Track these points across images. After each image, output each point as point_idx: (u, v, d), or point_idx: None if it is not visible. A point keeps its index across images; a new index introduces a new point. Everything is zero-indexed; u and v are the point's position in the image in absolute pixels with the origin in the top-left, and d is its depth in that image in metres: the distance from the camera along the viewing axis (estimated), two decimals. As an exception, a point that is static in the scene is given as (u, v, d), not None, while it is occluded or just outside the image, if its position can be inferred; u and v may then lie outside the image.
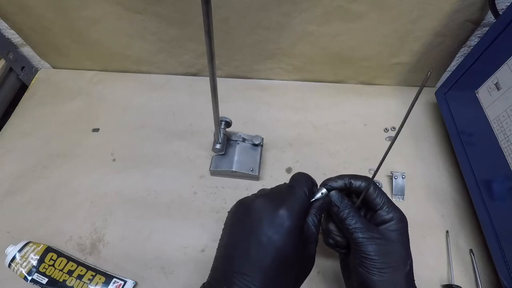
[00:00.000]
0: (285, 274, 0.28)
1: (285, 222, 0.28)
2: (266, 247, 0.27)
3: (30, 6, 0.55)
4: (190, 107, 0.63)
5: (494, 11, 0.47)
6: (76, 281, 0.43)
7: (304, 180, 0.33)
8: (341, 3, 0.50)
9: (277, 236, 0.27)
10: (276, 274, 0.27)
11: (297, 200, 0.30)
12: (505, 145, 0.41)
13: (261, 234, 0.28)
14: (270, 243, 0.27)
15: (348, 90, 0.65)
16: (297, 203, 0.30)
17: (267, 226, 0.28)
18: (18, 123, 0.62)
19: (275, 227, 0.28)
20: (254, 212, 0.29)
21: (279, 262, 0.27)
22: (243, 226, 0.29)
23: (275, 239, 0.27)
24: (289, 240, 0.28)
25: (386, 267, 0.30)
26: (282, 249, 0.27)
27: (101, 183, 0.54)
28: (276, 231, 0.28)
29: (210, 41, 0.34)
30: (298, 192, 0.31)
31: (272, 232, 0.28)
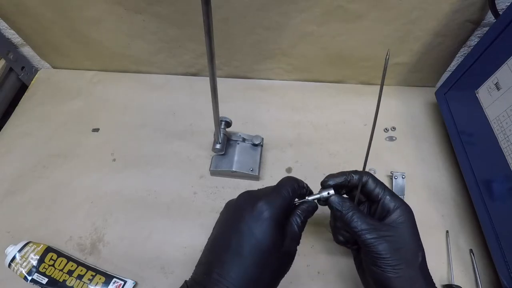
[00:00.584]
0: (262, 266, 0.28)
1: (263, 213, 0.29)
2: (245, 236, 0.28)
3: (30, 6, 0.55)
4: (190, 107, 0.63)
5: (494, 11, 0.47)
6: (76, 281, 0.43)
7: (290, 181, 0.34)
8: (341, 3, 0.50)
9: (256, 226, 0.28)
10: (253, 264, 0.28)
11: (278, 196, 0.31)
12: (505, 145, 0.41)
13: (241, 225, 0.29)
14: (249, 232, 0.28)
15: (348, 90, 0.65)
16: (278, 199, 0.31)
17: (247, 217, 0.29)
18: (18, 123, 0.62)
19: (254, 218, 0.29)
20: (237, 206, 0.31)
21: (256, 252, 0.28)
22: (227, 220, 0.31)
23: (254, 229, 0.28)
24: (268, 231, 0.28)
25: (399, 263, 0.30)
26: (260, 239, 0.28)
27: (101, 183, 0.54)
28: (255, 222, 0.29)
29: (210, 41, 0.34)
30: (282, 190, 0.32)
31: (251, 222, 0.29)
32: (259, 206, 0.29)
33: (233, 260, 0.28)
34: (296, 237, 0.32)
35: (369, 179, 0.36)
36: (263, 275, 0.28)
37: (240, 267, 0.27)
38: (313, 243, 0.48)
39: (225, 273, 0.27)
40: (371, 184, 0.35)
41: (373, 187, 0.35)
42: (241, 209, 0.30)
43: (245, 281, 0.27)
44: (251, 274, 0.27)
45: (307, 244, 0.48)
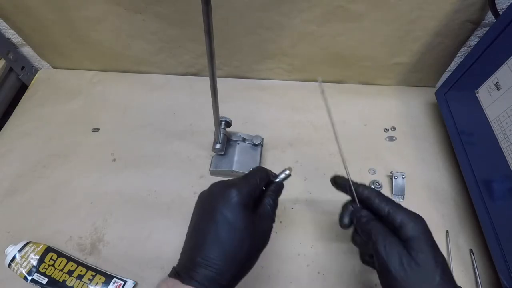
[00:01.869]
0: (238, 245, 0.31)
1: (233, 199, 0.32)
2: (219, 222, 0.31)
3: (30, 6, 0.55)
4: (190, 107, 0.63)
5: (494, 11, 0.47)
6: (76, 281, 0.43)
7: (258, 170, 0.37)
8: (341, 3, 0.50)
9: (227, 211, 0.31)
10: (230, 244, 0.30)
11: (246, 183, 0.34)
12: (505, 145, 0.41)
13: (215, 212, 0.32)
14: (222, 218, 0.31)
15: (348, 90, 0.65)
16: (246, 185, 0.33)
17: (220, 204, 0.32)
18: (18, 123, 0.62)
19: (226, 204, 0.32)
20: (210, 195, 0.34)
21: (231, 234, 0.31)
22: (203, 209, 0.34)
23: (226, 214, 0.31)
24: (239, 215, 0.31)
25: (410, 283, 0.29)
26: (233, 222, 0.31)
27: (101, 183, 0.54)
28: (226, 208, 0.31)
29: (210, 41, 0.34)
30: (249, 178, 0.35)
31: (223, 208, 0.32)
32: (229, 193, 0.32)
33: (212, 244, 0.30)
34: (269, 215, 0.35)
35: (372, 192, 0.35)
36: (240, 253, 0.31)
37: (219, 249, 0.30)
38: (313, 243, 0.48)
39: (206, 256, 0.30)
40: (374, 200, 0.35)
41: (377, 203, 0.35)
42: (214, 197, 0.33)
43: (225, 260, 0.30)
44: (229, 253, 0.30)
45: (307, 244, 0.48)
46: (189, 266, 0.30)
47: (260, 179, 0.36)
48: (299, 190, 0.52)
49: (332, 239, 0.48)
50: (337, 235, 0.48)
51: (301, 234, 0.49)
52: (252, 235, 0.32)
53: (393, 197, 0.52)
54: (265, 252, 0.47)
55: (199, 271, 0.29)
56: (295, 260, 0.47)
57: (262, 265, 0.46)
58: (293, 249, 0.47)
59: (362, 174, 0.54)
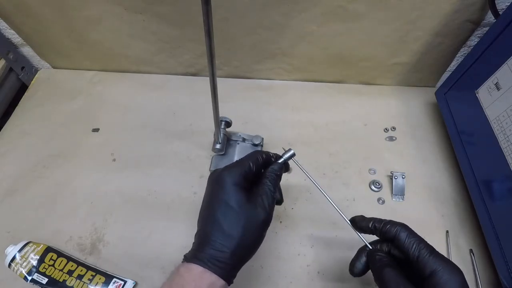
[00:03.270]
0: (236, 222, 0.32)
1: (224, 178, 0.34)
2: (214, 202, 0.34)
3: (30, 6, 0.55)
4: (190, 107, 0.63)
5: (494, 11, 0.47)
6: (76, 281, 0.43)
7: (253, 154, 0.38)
8: (341, 3, 0.50)
9: (220, 191, 0.34)
10: (228, 224, 0.32)
11: (237, 164, 0.36)
12: (505, 145, 0.41)
13: (212, 195, 0.35)
14: (215, 198, 0.34)
15: (348, 90, 0.65)
16: (236, 166, 0.36)
17: (214, 185, 0.35)
18: (18, 123, 0.62)
19: (218, 184, 0.34)
20: (209, 181, 0.37)
21: (226, 211, 0.33)
22: (205, 195, 0.36)
23: (219, 194, 0.34)
24: (230, 192, 0.33)
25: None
26: (225, 200, 0.33)
27: (101, 183, 0.54)
28: (219, 188, 0.34)
29: (210, 41, 0.34)
30: (242, 160, 0.37)
31: (216, 189, 0.34)
32: (221, 175, 0.35)
33: (211, 224, 0.33)
34: (266, 192, 0.35)
35: (400, 232, 0.31)
36: (237, 229, 0.32)
37: (217, 227, 0.32)
38: (313, 243, 0.48)
39: (207, 237, 0.32)
40: (403, 238, 0.31)
41: (406, 242, 0.31)
42: (210, 182, 0.36)
43: (223, 238, 0.31)
44: (226, 230, 0.32)
45: (307, 244, 0.48)
46: (195, 248, 0.33)
47: (253, 160, 0.37)
48: (299, 190, 0.52)
49: (332, 239, 0.48)
50: (337, 235, 0.48)
51: (301, 234, 0.49)
52: (247, 211, 0.33)
53: (393, 197, 0.52)
54: (265, 252, 0.47)
55: (202, 250, 0.31)
56: (295, 260, 0.47)
57: (262, 265, 0.46)
58: (293, 249, 0.47)
59: (362, 174, 0.54)
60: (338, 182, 0.53)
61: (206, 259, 0.31)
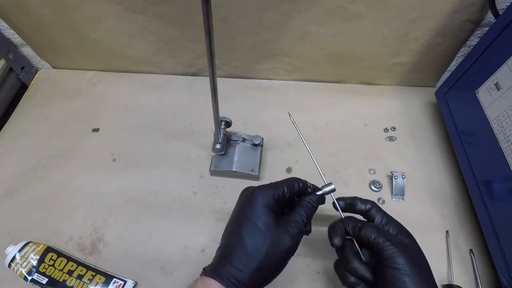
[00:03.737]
0: (258, 244, 0.32)
1: (256, 198, 0.34)
2: (242, 219, 0.34)
3: (30, 6, 0.55)
4: (190, 107, 0.63)
5: (494, 11, 0.47)
6: (76, 281, 0.43)
7: (289, 179, 0.38)
8: (341, 3, 0.50)
9: (249, 209, 0.34)
10: (249, 241, 0.32)
11: (271, 186, 0.36)
12: (505, 145, 0.41)
13: (240, 211, 0.35)
14: (244, 216, 0.34)
15: (348, 90, 0.65)
16: (270, 188, 0.35)
17: (244, 203, 0.35)
18: (18, 123, 0.62)
19: (248, 203, 0.35)
20: (240, 197, 0.37)
21: (251, 231, 0.33)
22: (234, 210, 0.36)
23: (248, 212, 0.34)
24: (259, 213, 0.33)
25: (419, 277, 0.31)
26: (253, 219, 0.33)
27: (101, 183, 0.54)
28: (249, 206, 0.34)
29: (210, 41, 0.34)
30: (277, 183, 0.37)
31: (246, 206, 0.35)
32: (254, 194, 0.35)
33: (235, 242, 0.32)
34: (299, 223, 0.34)
35: (372, 208, 0.37)
36: (260, 251, 0.32)
37: (240, 246, 0.32)
38: (313, 243, 0.48)
39: (229, 254, 0.32)
40: (373, 212, 0.37)
41: (375, 215, 0.37)
42: (242, 199, 0.36)
43: (245, 257, 0.31)
44: (249, 250, 0.31)
45: (307, 244, 0.48)
46: (215, 262, 0.33)
47: (289, 186, 0.36)
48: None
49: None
50: (337, 235, 0.48)
51: (301, 234, 0.49)
52: (274, 235, 0.32)
53: (393, 197, 0.52)
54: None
55: (222, 267, 0.31)
56: (295, 260, 0.46)
57: (262, 265, 0.46)
58: (293, 249, 0.47)
59: (362, 174, 0.54)
60: (338, 182, 0.53)
61: (225, 276, 0.30)
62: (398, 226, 0.35)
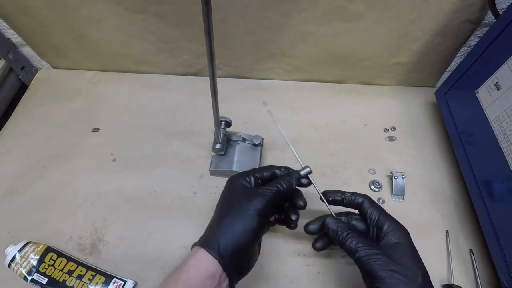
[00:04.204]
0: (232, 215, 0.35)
1: (234, 178, 0.39)
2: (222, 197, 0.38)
3: (30, 6, 0.55)
4: (190, 107, 0.63)
5: (494, 11, 0.47)
6: (76, 281, 0.43)
7: (269, 166, 0.41)
8: (341, 3, 0.50)
9: (227, 187, 0.39)
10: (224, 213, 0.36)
11: (251, 171, 0.40)
12: (505, 145, 0.41)
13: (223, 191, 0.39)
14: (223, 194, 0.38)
15: (348, 90, 0.65)
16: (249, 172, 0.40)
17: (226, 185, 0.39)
18: (18, 123, 0.62)
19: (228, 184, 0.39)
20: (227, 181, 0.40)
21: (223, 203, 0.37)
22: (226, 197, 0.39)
23: (226, 190, 0.39)
24: (236, 190, 0.37)
25: (395, 283, 0.31)
26: (230, 196, 0.37)
27: (101, 183, 0.54)
28: (228, 186, 0.39)
29: (210, 41, 0.34)
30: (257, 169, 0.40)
31: (226, 186, 0.39)
32: (233, 176, 0.39)
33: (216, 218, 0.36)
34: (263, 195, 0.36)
35: (364, 201, 0.38)
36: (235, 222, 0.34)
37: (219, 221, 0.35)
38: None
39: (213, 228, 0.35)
40: (366, 206, 0.38)
41: (367, 209, 0.37)
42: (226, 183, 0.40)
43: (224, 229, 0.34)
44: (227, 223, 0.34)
45: (307, 244, 0.48)
46: (202, 236, 0.35)
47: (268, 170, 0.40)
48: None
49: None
50: (337, 235, 0.48)
51: (301, 234, 0.48)
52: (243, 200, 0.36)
53: (393, 197, 0.52)
54: (265, 252, 0.47)
55: (207, 238, 0.34)
56: (295, 260, 0.47)
57: (262, 265, 0.46)
58: (293, 249, 0.47)
59: (362, 174, 0.54)
60: (338, 182, 0.53)
61: (209, 245, 0.33)
62: (389, 222, 0.36)
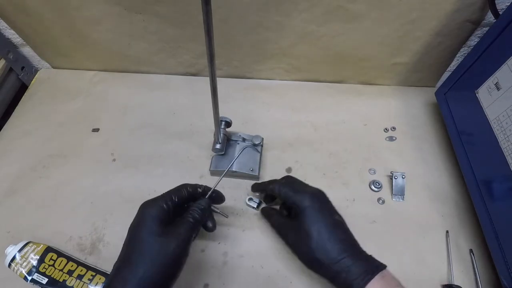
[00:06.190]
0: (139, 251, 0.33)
1: (143, 212, 0.37)
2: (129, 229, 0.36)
3: (30, 6, 0.55)
4: (190, 107, 0.63)
5: (494, 11, 0.47)
6: (76, 281, 0.43)
7: (177, 188, 0.40)
8: (341, 3, 0.50)
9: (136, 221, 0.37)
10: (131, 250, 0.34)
11: (159, 198, 0.38)
12: (505, 145, 0.41)
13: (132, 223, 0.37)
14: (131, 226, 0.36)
15: (348, 90, 0.65)
16: (158, 200, 0.38)
17: (137, 215, 0.38)
18: (18, 123, 0.62)
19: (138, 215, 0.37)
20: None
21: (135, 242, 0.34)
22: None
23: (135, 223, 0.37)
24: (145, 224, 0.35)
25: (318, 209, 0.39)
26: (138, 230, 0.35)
27: (101, 183, 0.54)
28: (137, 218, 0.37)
29: (210, 41, 0.34)
30: (166, 194, 0.39)
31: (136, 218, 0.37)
32: (141, 208, 0.37)
33: (122, 257, 0.34)
34: (185, 228, 0.36)
35: (275, 186, 0.43)
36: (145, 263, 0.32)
37: (124, 260, 0.34)
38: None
39: (119, 268, 0.33)
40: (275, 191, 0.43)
41: (277, 191, 0.43)
42: (136, 214, 0.37)
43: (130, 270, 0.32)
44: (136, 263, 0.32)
45: (307, 244, 0.48)
46: (109, 276, 0.34)
47: (176, 193, 0.39)
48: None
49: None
50: (337, 235, 0.48)
51: (301, 234, 0.49)
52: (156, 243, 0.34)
53: (393, 197, 0.52)
54: (265, 252, 0.47)
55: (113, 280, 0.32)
56: (295, 260, 0.47)
57: (262, 265, 0.46)
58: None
59: (362, 174, 0.54)
60: (338, 182, 0.53)
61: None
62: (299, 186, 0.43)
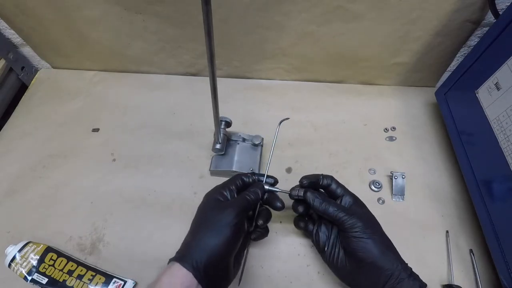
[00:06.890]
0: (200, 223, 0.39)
1: (208, 194, 0.41)
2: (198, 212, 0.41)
3: (30, 6, 0.55)
4: (190, 107, 0.63)
5: (494, 11, 0.47)
6: (76, 281, 0.43)
7: (237, 176, 0.44)
8: (341, 3, 0.50)
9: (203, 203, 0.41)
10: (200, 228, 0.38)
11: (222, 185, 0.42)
12: (505, 145, 0.41)
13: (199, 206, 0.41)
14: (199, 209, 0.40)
15: (348, 90, 0.65)
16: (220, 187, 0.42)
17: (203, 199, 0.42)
18: (18, 123, 0.62)
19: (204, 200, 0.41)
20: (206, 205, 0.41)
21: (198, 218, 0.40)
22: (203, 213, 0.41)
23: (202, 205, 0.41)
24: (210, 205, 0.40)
25: (367, 228, 0.38)
26: (204, 211, 0.40)
27: (101, 183, 0.54)
28: (203, 202, 0.41)
29: (210, 41, 0.34)
30: (228, 181, 0.43)
31: (202, 202, 0.41)
32: (207, 194, 0.41)
33: (191, 233, 0.39)
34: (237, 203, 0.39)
35: (332, 181, 0.43)
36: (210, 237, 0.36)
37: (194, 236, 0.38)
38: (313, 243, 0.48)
39: (189, 243, 0.37)
40: (334, 187, 0.43)
41: (335, 189, 0.43)
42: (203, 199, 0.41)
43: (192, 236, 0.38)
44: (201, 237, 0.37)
45: (307, 244, 0.48)
46: (178, 251, 0.38)
47: (238, 180, 0.43)
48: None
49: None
50: (337, 235, 0.48)
51: (301, 234, 0.49)
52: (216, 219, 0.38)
53: (393, 197, 0.52)
54: (265, 252, 0.47)
55: (183, 253, 0.36)
56: (295, 260, 0.47)
57: (262, 265, 0.46)
58: (293, 249, 0.47)
59: (362, 174, 0.54)
60: (338, 182, 0.53)
61: (185, 260, 0.35)
62: (353, 197, 0.42)
